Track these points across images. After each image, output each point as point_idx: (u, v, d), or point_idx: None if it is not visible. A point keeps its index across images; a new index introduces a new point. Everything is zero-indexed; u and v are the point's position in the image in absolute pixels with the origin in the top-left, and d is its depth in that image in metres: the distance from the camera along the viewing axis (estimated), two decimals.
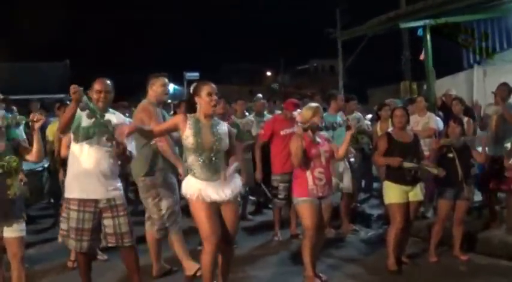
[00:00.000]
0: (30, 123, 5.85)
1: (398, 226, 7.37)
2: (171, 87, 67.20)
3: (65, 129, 5.96)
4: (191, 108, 5.97)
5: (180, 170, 6.82)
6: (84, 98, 5.58)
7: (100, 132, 5.84)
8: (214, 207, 5.82)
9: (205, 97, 5.84)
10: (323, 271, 7.20)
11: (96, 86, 6.04)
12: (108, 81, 6.13)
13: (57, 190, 9.38)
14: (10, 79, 28.25)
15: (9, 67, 34.20)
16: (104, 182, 5.97)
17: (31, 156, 5.90)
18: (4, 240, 5.83)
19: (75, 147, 6.01)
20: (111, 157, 6.03)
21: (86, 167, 5.91)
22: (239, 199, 6.08)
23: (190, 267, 7.09)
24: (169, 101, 19.64)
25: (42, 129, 9.04)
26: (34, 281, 6.68)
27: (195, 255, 6.77)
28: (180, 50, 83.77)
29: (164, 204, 7.09)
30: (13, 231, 5.80)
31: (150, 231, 7.20)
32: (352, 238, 9.30)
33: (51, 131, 9.14)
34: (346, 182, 9.25)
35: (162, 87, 7.16)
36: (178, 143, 6.29)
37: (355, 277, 7.29)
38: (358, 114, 11.55)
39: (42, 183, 9.95)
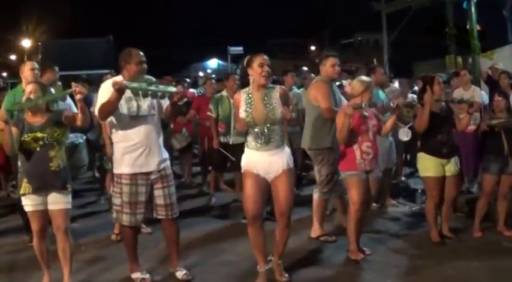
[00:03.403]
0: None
1: (436, 200, 7.42)
2: (215, 62, 67.45)
3: (105, 119, 6.05)
4: (245, 81, 6.08)
5: None
6: (128, 84, 5.62)
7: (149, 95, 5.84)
8: (262, 179, 5.93)
9: (257, 68, 5.91)
10: (367, 245, 7.23)
11: (136, 58, 5.99)
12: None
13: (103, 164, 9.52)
14: (57, 56, 28.54)
15: (56, 44, 34.57)
16: (154, 154, 6.04)
17: (76, 121, 5.83)
18: (49, 212, 5.90)
19: (120, 122, 6.00)
20: (156, 127, 6.10)
21: (135, 141, 5.95)
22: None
23: (315, 230, 7.85)
24: (213, 75, 19.71)
25: (86, 103, 9.14)
26: (78, 255, 6.79)
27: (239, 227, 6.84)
28: (224, 25, 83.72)
29: (324, 171, 7.62)
30: (57, 204, 5.86)
31: (315, 194, 7.87)
32: (396, 212, 9.28)
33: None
34: (391, 157, 9.20)
35: (331, 67, 7.66)
36: None
37: (399, 251, 7.30)
38: (394, 86, 11.38)
39: (82, 157, 10.07)
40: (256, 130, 5.87)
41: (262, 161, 5.91)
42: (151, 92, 5.72)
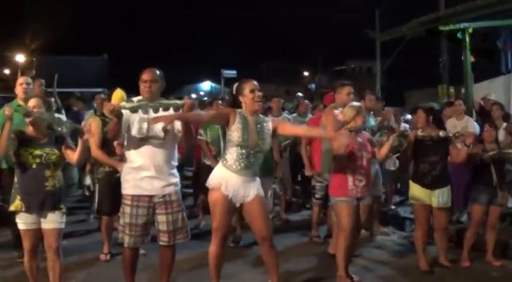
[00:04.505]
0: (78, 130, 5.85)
1: (424, 228, 7.51)
2: (208, 84, 67.35)
3: (113, 139, 6.08)
4: (236, 107, 6.03)
5: None
6: (125, 104, 5.60)
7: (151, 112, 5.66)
8: (232, 202, 5.91)
9: (249, 94, 5.93)
10: (355, 272, 7.22)
11: (143, 76, 5.89)
12: (157, 71, 5.99)
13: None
14: (51, 72, 28.58)
15: (49, 60, 34.60)
16: (159, 177, 5.88)
17: (71, 158, 5.90)
18: (42, 230, 5.87)
19: (130, 143, 5.93)
20: (166, 150, 5.95)
21: (139, 163, 5.85)
22: (272, 199, 6.16)
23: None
24: (205, 98, 19.76)
25: (79, 120, 9.16)
26: (67, 273, 6.72)
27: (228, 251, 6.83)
28: (218, 48, 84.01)
29: None
30: (50, 223, 5.84)
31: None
32: (386, 240, 9.29)
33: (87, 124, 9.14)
34: (377, 185, 9.19)
35: (347, 95, 7.99)
36: None
37: (387, 279, 7.32)
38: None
39: (72, 175, 10.05)
40: (243, 151, 5.86)
41: (234, 183, 5.87)
42: (152, 107, 5.62)
